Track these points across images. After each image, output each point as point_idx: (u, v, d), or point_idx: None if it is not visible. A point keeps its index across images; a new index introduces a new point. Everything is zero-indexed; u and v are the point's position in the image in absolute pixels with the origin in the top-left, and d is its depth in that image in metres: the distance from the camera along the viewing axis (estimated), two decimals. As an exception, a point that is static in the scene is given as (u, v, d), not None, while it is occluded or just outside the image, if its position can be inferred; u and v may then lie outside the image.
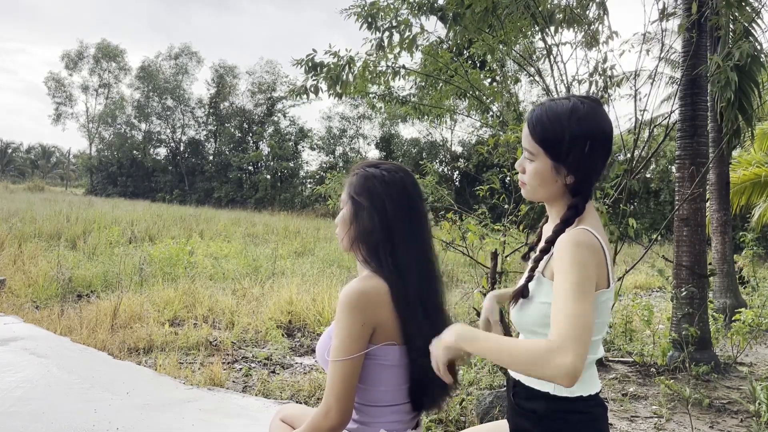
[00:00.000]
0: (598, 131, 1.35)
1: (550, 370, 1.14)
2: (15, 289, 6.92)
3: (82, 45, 47.24)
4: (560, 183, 1.39)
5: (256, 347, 5.44)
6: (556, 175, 1.37)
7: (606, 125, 1.37)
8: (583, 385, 1.39)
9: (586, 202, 1.40)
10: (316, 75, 5.30)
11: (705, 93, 5.35)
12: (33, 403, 3.52)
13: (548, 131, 1.35)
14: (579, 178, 1.37)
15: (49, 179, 69.48)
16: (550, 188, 1.40)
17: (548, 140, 1.35)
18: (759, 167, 10.91)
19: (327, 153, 37.59)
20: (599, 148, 1.35)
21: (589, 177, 1.38)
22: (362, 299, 1.45)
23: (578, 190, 1.39)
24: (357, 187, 1.57)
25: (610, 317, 1.45)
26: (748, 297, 8.97)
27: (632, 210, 12.96)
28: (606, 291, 1.35)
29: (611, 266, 1.36)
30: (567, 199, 1.41)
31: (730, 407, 4.20)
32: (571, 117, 1.34)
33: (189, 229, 15.15)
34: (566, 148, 1.34)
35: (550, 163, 1.37)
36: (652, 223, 22.49)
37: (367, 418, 1.53)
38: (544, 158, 1.37)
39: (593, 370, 1.44)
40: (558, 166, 1.36)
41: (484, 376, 4.38)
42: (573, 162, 1.35)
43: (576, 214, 1.38)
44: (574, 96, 1.40)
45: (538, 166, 1.39)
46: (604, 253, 1.33)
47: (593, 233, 1.33)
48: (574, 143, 1.33)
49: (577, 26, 5.05)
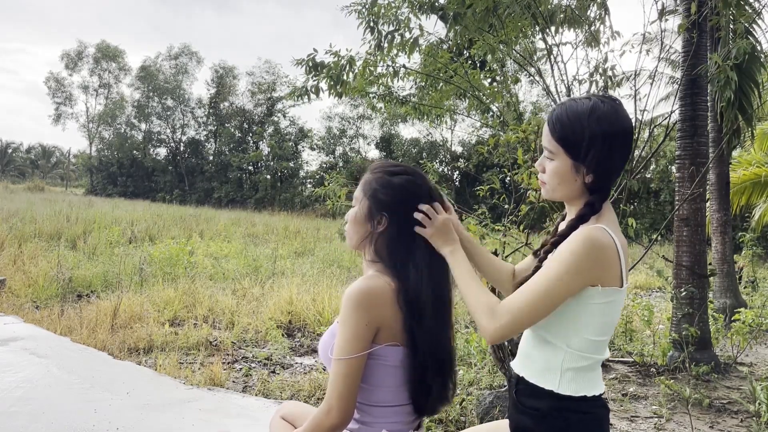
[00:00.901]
0: (618, 130, 1.35)
1: (482, 322, 1.34)
2: (15, 289, 6.92)
3: (81, 45, 47.28)
4: (579, 182, 1.39)
5: (256, 347, 5.43)
6: (575, 174, 1.38)
7: (626, 124, 1.37)
8: (587, 386, 1.39)
9: (603, 200, 1.40)
10: (317, 75, 5.30)
11: (705, 93, 5.35)
12: (33, 403, 3.52)
13: (568, 130, 1.36)
14: (598, 177, 1.37)
15: (49, 179, 69.45)
16: (570, 187, 1.40)
17: (568, 139, 1.36)
18: (759, 167, 10.91)
19: (327, 153, 37.58)
20: (619, 147, 1.36)
21: (608, 176, 1.39)
22: (367, 298, 1.44)
23: (597, 189, 1.39)
24: (374, 188, 1.56)
25: (619, 317, 1.46)
26: (748, 297, 8.97)
27: (632, 210, 12.96)
28: (618, 290, 1.35)
29: (625, 266, 1.36)
30: (586, 197, 1.42)
31: (730, 407, 4.20)
32: (590, 116, 1.34)
33: (189, 229, 15.15)
34: (585, 147, 1.34)
35: (570, 162, 1.38)
36: (652, 223, 22.48)
37: (369, 418, 1.52)
38: (563, 157, 1.38)
39: (597, 372, 1.44)
40: (577, 165, 1.37)
41: (484, 376, 4.38)
42: (592, 161, 1.35)
43: (592, 211, 1.39)
44: (594, 95, 1.40)
45: (558, 165, 1.40)
46: (618, 252, 1.33)
47: (608, 231, 1.33)
48: (593, 142, 1.34)
49: (578, 26, 5.04)
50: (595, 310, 1.35)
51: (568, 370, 1.38)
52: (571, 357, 1.38)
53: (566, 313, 1.36)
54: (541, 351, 1.42)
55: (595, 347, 1.39)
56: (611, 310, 1.36)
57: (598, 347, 1.40)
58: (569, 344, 1.37)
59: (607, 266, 1.32)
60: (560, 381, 1.38)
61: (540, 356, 1.42)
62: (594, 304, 1.34)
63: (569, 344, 1.37)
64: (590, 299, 1.34)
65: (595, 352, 1.39)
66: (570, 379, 1.37)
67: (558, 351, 1.39)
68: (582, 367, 1.38)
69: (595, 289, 1.33)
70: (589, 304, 1.34)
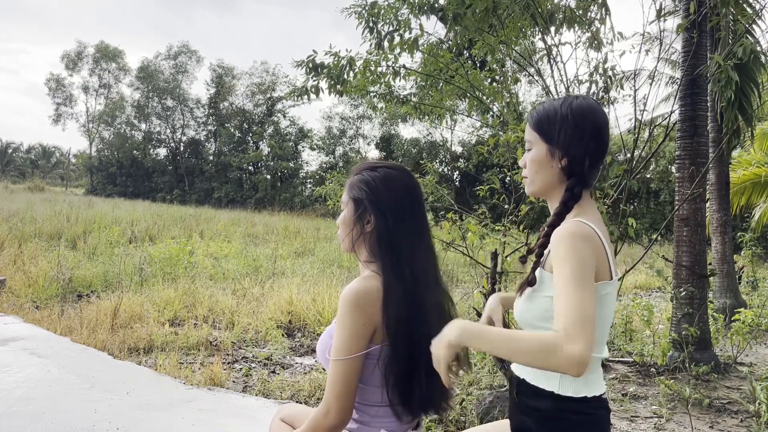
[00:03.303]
0: (588, 113, 1.42)
1: (560, 359, 1.15)
2: (15, 289, 6.92)
3: (81, 45, 47.32)
4: (556, 168, 1.44)
5: (256, 347, 5.44)
6: (551, 159, 1.44)
7: (597, 114, 1.43)
8: (589, 386, 1.39)
9: (582, 186, 1.43)
10: (317, 76, 5.30)
11: (705, 93, 5.35)
12: (33, 403, 3.52)
13: (542, 116, 1.46)
14: (572, 160, 1.42)
15: (49, 179, 69.48)
16: (548, 173, 1.45)
17: (542, 124, 1.45)
18: (759, 167, 10.91)
19: (327, 153, 37.59)
20: (589, 127, 1.42)
21: (581, 160, 1.42)
22: (363, 299, 1.45)
23: (573, 173, 1.43)
24: (357, 188, 1.57)
25: (613, 312, 1.45)
26: (748, 297, 8.97)
27: (632, 210, 12.97)
28: (608, 283, 1.36)
29: (612, 259, 1.38)
30: (565, 185, 1.45)
31: (730, 407, 4.20)
32: (564, 104, 1.44)
33: (189, 229, 15.15)
34: (558, 128, 1.42)
35: (546, 147, 1.44)
36: (652, 223, 22.49)
37: (367, 418, 1.53)
38: (540, 144, 1.46)
39: (598, 372, 1.44)
40: (552, 150, 1.43)
41: (484, 376, 4.37)
42: (564, 142, 1.41)
43: (573, 196, 1.42)
44: (571, 95, 1.48)
45: (535, 153, 1.47)
46: (603, 245, 1.34)
47: (589, 225, 1.34)
48: (564, 123, 1.42)
49: (578, 26, 5.04)
50: None
51: None
52: None
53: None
54: None
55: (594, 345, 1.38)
56: (605, 304, 1.37)
57: (597, 345, 1.39)
58: None
59: (597, 259, 1.32)
60: (560, 381, 1.38)
61: None
62: None
63: None
64: None
65: (594, 351, 1.39)
66: (571, 380, 1.37)
67: None
68: None
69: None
70: None
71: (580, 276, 1.25)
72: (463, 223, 4.80)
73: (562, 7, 5.03)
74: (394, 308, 1.46)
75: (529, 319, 1.43)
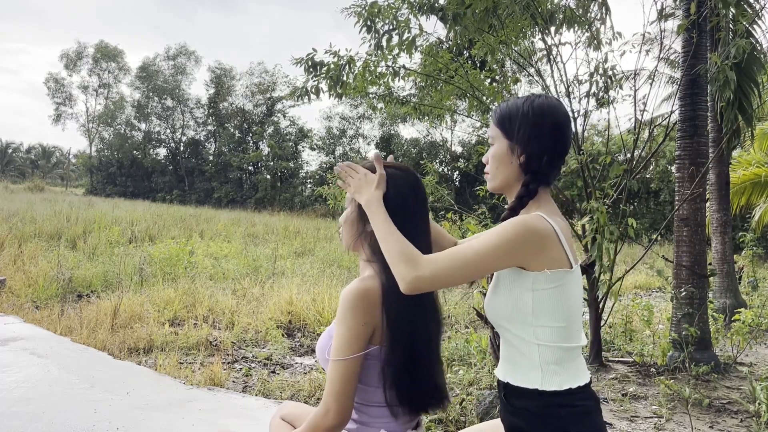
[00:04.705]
0: (547, 111, 1.45)
1: (401, 269, 1.34)
2: (15, 289, 6.92)
3: (80, 45, 47.30)
4: (515, 164, 1.47)
5: (256, 347, 5.44)
6: (511, 155, 1.47)
7: (557, 112, 1.46)
8: (570, 378, 1.39)
9: (539, 183, 1.46)
10: (317, 75, 5.30)
11: (705, 93, 5.35)
12: (33, 403, 3.52)
13: (504, 112, 1.49)
14: (529, 157, 1.45)
15: (49, 179, 69.42)
16: (507, 169, 1.48)
17: (503, 120, 1.49)
18: (759, 167, 10.91)
19: (327, 153, 37.56)
20: (549, 125, 1.44)
21: (539, 157, 1.45)
22: (363, 299, 1.45)
23: (530, 170, 1.46)
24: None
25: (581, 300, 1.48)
26: (748, 297, 8.97)
27: (632, 210, 12.96)
28: (567, 272, 1.38)
29: (569, 247, 1.40)
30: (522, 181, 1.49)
31: (730, 407, 4.20)
32: (525, 101, 1.48)
33: (189, 229, 15.15)
34: (517, 125, 1.45)
35: (506, 143, 1.48)
36: (652, 223, 22.49)
37: (366, 418, 1.53)
38: (501, 139, 1.49)
39: (579, 361, 1.44)
40: (512, 146, 1.47)
41: (484, 376, 4.38)
42: (522, 138, 1.45)
43: (528, 192, 1.45)
44: (534, 94, 1.52)
45: (496, 149, 1.50)
46: (558, 235, 1.37)
47: (544, 217, 1.37)
48: (524, 120, 1.45)
49: (578, 27, 5.05)
50: (546, 295, 1.37)
51: (547, 364, 1.39)
52: (545, 350, 1.39)
53: (520, 303, 1.39)
54: (518, 351, 1.43)
55: (564, 334, 1.39)
56: (565, 293, 1.38)
57: (568, 334, 1.40)
58: (537, 336, 1.39)
59: (542, 250, 1.35)
60: (543, 377, 1.39)
61: (518, 357, 1.44)
62: (543, 289, 1.36)
63: (537, 336, 1.39)
64: (538, 285, 1.36)
65: (566, 340, 1.40)
66: (553, 373, 1.38)
67: (531, 346, 1.40)
68: (560, 359, 1.39)
69: (541, 274, 1.35)
70: (539, 290, 1.37)
71: (487, 255, 1.32)
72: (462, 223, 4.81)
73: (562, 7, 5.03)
74: (394, 309, 1.46)
75: (496, 318, 1.47)
